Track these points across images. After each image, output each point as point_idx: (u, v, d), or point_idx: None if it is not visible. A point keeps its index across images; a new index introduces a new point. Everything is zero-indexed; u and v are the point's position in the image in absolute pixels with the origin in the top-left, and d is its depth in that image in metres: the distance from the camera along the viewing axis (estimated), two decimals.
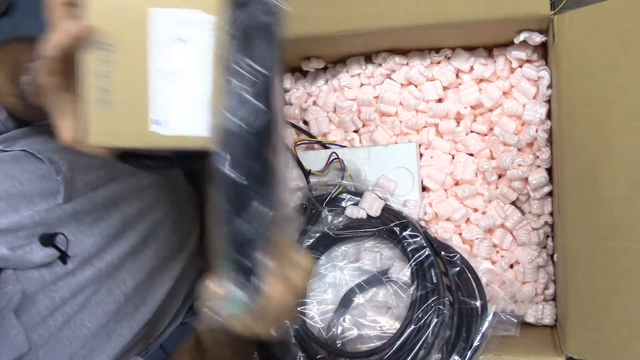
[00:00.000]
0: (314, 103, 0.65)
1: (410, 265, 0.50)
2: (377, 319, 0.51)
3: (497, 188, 0.56)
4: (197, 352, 0.41)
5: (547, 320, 0.55)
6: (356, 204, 0.54)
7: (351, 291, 0.53)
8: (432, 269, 0.49)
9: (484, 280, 0.49)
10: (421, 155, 0.59)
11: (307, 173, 0.57)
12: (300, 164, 0.58)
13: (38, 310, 0.39)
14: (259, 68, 0.28)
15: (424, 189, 0.59)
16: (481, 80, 0.58)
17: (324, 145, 0.62)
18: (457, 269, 0.49)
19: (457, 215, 0.55)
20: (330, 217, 0.55)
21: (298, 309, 0.53)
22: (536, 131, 0.53)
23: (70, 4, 0.31)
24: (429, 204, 0.56)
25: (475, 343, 0.47)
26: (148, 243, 0.51)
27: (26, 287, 0.39)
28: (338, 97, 0.63)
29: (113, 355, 0.44)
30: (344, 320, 0.52)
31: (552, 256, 0.56)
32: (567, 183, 0.47)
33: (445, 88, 0.58)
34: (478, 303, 0.48)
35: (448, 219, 0.56)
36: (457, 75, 0.58)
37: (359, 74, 0.62)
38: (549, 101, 0.53)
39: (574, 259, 0.46)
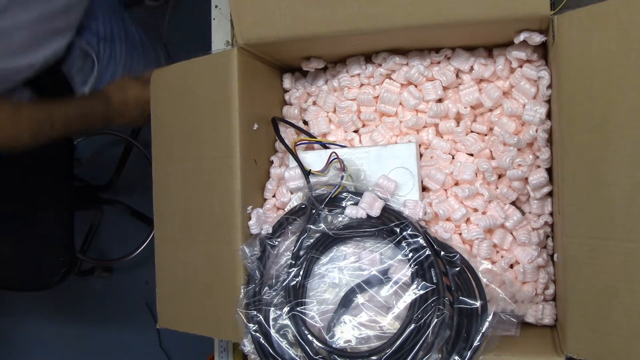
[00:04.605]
0: (314, 103, 0.65)
1: (410, 265, 0.50)
2: (377, 319, 0.51)
3: (497, 188, 0.56)
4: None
5: (547, 320, 0.55)
6: (356, 203, 0.53)
7: (351, 291, 0.53)
8: (432, 269, 0.49)
9: (484, 280, 0.49)
10: (421, 155, 0.59)
11: (307, 173, 0.57)
12: (300, 164, 0.58)
13: None
14: None
15: (424, 189, 0.59)
16: (481, 80, 0.58)
17: (324, 145, 0.62)
18: (457, 269, 0.49)
19: (457, 215, 0.55)
20: (330, 217, 0.55)
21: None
22: (536, 131, 0.53)
23: None
24: (429, 204, 0.56)
25: (475, 343, 0.47)
26: None
27: None
28: (338, 97, 0.63)
29: None
30: (344, 320, 0.52)
31: (552, 256, 0.56)
32: (567, 183, 0.47)
33: (445, 88, 0.59)
34: (478, 303, 0.48)
35: (448, 219, 0.56)
36: (457, 75, 0.58)
37: (358, 74, 0.62)
38: (549, 101, 0.53)
39: (574, 259, 0.46)
